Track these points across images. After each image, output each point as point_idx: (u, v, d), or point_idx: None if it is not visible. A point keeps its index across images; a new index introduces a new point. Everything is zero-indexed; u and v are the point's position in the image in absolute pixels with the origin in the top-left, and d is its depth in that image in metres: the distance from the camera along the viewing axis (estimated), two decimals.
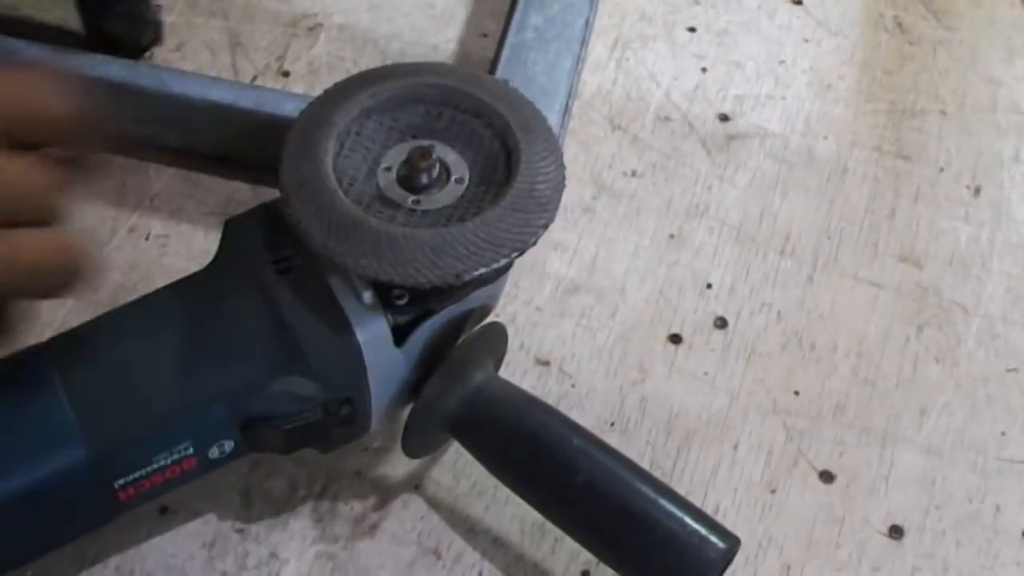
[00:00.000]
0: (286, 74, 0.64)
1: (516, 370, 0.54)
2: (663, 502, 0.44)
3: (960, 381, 0.56)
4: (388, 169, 0.45)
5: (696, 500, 0.49)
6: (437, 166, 0.44)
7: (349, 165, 0.45)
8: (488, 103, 0.46)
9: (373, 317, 0.43)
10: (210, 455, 0.43)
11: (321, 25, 0.67)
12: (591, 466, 0.45)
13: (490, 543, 0.50)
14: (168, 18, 0.65)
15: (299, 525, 0.49)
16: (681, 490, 0.46)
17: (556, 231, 0.59)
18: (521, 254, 0.43)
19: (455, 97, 0.47)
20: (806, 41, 0.69)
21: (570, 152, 0.62)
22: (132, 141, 0.59)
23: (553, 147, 0.45)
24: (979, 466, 0.54)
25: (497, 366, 0.50)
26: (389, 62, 0.64)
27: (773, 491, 0.52)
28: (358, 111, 0.46)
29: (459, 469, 0.51)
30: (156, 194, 0.59)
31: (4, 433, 0.40)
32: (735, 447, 0.53)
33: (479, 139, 0.46)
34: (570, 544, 0.47)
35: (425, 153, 0.44)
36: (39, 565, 0.44)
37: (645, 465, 0.47)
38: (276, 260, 0.44)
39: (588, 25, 0.64)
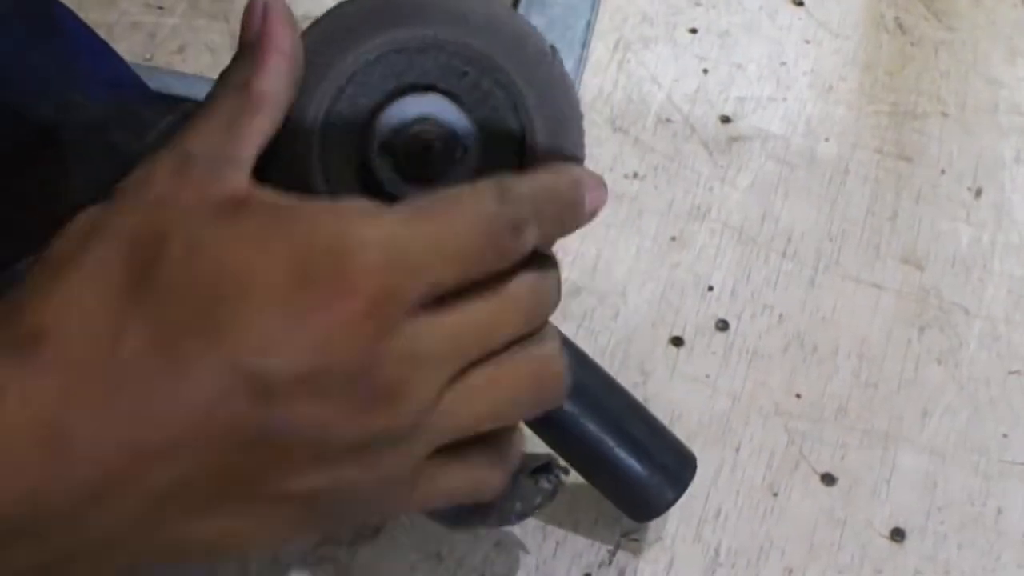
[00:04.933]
0: None
1: None
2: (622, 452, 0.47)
3: (962, 383, 0.56)
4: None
5: (698, 502, 0.49)
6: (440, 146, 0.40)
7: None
8: (519, 86, 0.41)
9: None
10: None
11: None
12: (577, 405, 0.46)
13: (492, 546, 0.50)
14: (170, 20, 0.65)
15: None
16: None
17: None
18: None
19: (484, 61, 0.40)
20: (807, 42, 0.69)
21: None
22: None
23: (577, 156, 0.42)
24: (981, 468, 0.54)
25: None
26: None
27: (775, 494, 0.52)
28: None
29: None
30: None
31: None
32: (736, 450, 0.53)
33: (499, 112, 0.41)
34: (572, 546, 0.47)
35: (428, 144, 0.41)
36: None
37: None
38: None
39: (589, 27, 0.64)
